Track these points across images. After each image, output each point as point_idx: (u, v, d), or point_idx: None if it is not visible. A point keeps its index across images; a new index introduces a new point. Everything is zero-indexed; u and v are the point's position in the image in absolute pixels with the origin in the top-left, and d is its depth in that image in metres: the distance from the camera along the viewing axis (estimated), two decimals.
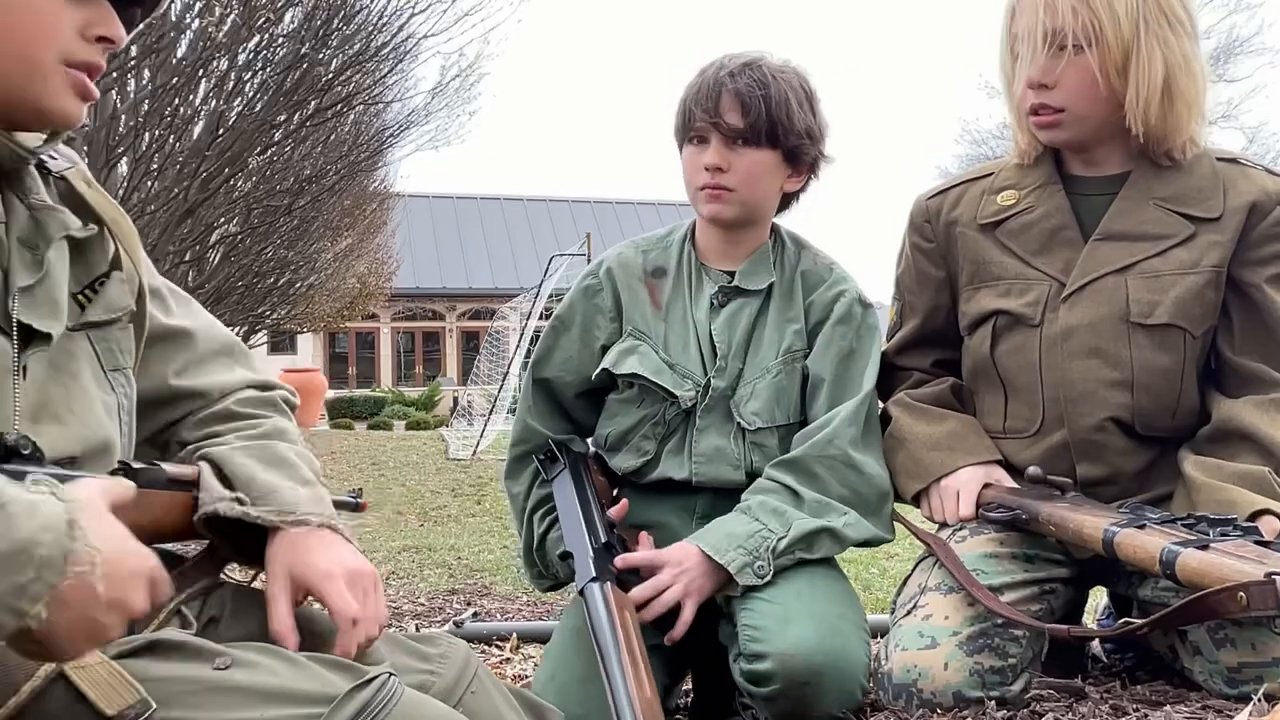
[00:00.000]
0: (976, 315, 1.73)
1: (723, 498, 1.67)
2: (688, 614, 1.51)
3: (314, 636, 1.04)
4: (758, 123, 1.60)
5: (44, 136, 1.06)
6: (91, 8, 1.02)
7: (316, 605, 1.06)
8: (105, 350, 1.09)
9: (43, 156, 1.07)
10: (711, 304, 1.70)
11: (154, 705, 0.83)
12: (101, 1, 1.03)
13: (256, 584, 1.14)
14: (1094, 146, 1.65)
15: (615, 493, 1.76)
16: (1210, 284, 1.60)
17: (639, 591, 1.50)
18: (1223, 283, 1.61)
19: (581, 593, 1.46)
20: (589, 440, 1.81)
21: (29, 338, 0.99)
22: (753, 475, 1.65)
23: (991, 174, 1.78)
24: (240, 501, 1.07)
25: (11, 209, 1.04)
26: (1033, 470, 1.56)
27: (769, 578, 1.51)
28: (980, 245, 1.73)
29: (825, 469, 1.60)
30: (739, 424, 1.66)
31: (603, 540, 1.55)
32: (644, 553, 1.57)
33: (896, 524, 1.68)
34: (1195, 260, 1.59)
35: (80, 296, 1.07)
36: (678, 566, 1.53)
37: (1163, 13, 1.55)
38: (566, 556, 1.56)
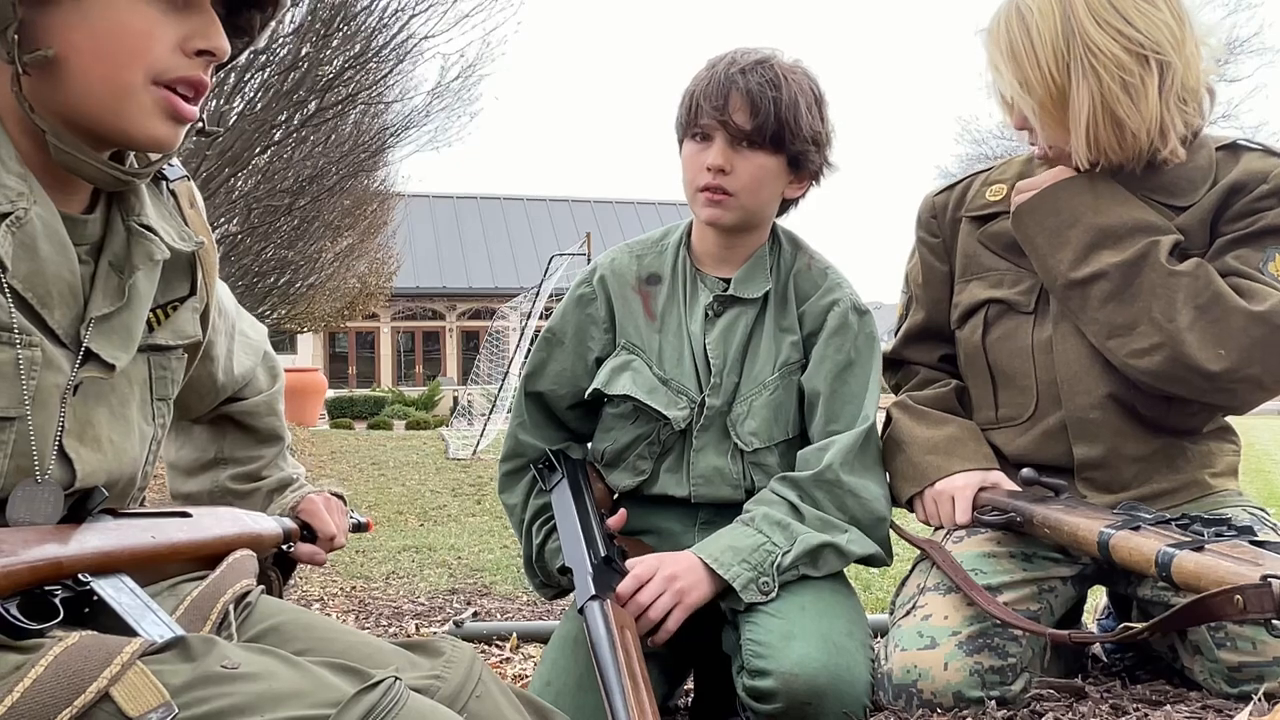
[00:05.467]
0: (968, 305, 1.75)
1: (725, 508, 1.65)
2: (672, 624, 1.48)
3: None
4: (765, 125, 1.55)
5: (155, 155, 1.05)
6: (192, 18, 0.97)
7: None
8: (159, 378, 1.10)
9: (159, 172, 1.05)
10: (706, 314, 1.66)
11: (177, 709, 0.82)
12: (204, 10, 0.98)
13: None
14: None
15: (615, 498, 1.73)
16: None
17: (629, 608, 1.47)
18: None
19: (581, 610, 1.44)
20: (588, 446, 1.79)
21: (89, 359, 0.99)
22: (753, 493, 1.63)
23: (994, 167, 1.80)
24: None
25: (112, 229, 1.03)
26: (1026, 472, 1.56)
27: (774, 595, 1.49)
28: (970, 240, 1.75)
29: (824, 494, 1.57)
30: (736, 444, 1.63)
31: (602, 554, 1.52)
32: (630, 578, 1.50)
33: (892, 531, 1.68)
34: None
35: (152, 314, 1.07)
36: (670, 580, 1.49)
37: (1088, 50, 1.52)
38: (566, 571, 1.54)
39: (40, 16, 0.93)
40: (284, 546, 1.30)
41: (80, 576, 0.94)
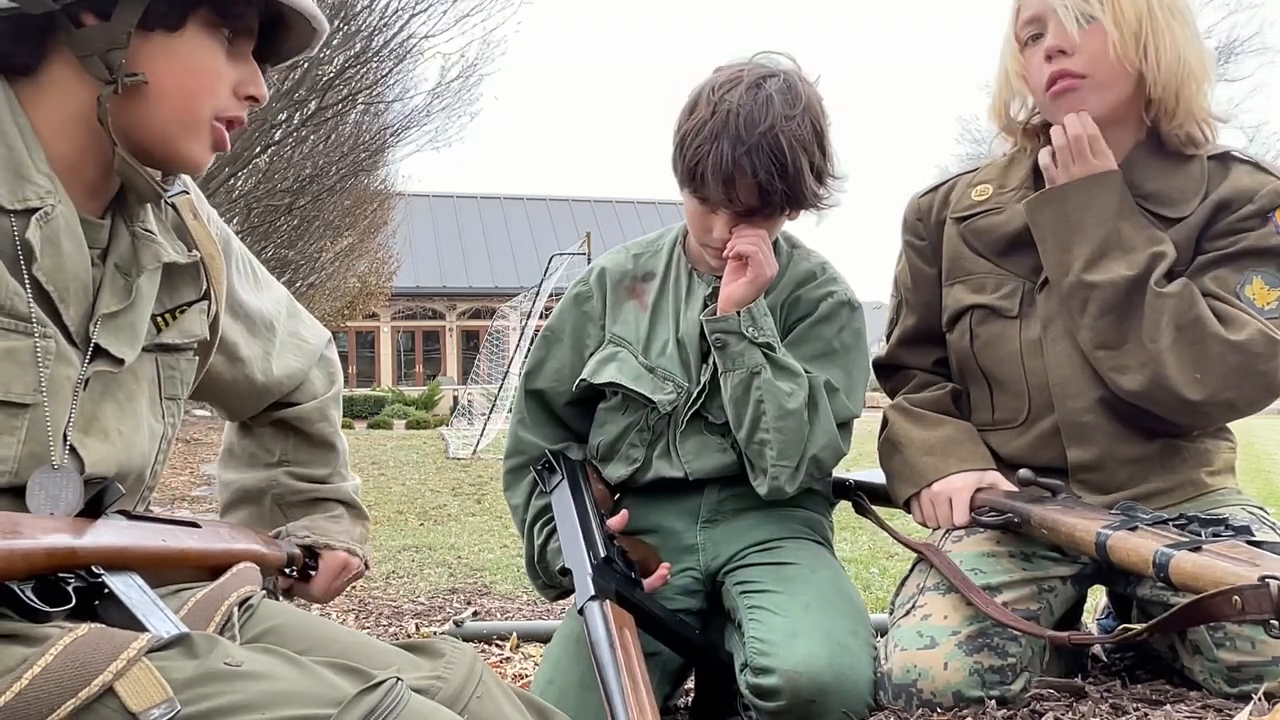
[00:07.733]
0: (954, 310, 1.75)
1: (728, 498, 1.67)
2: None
3: None
4: (774, 201, 1.54)
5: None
6: (242, 67, 1.10)
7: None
8: (167, 377, 1.16)
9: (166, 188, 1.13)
10: (705, 305, 1.66)
11: (179, 706, 0.84)
12: (251, 62, 1.11)
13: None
14: (1105, 126, 1.60)
15: (616, 498, 1.74)
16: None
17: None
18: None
19: (581, 611, 1.45)
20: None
21: (98, 355, 1.04)
22: (742, 460, 1.62)
23: (979, 168, 1.80)
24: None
25: (116, 235, 1.09)
26: (1023, 472, 1.56)
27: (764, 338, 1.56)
28: (955, 240, 1.75)
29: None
30: (710, 420, 1.64)
31: (602, 555, 1.52)
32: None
33: (885, 534, 1.68)
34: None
35: (159, 319, 1.13)
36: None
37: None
38: (567, 572, 1.54)
39: (139, 44, 1.03)
40: (286, 570, 1.33)
41: (93, 568, 0.96)
